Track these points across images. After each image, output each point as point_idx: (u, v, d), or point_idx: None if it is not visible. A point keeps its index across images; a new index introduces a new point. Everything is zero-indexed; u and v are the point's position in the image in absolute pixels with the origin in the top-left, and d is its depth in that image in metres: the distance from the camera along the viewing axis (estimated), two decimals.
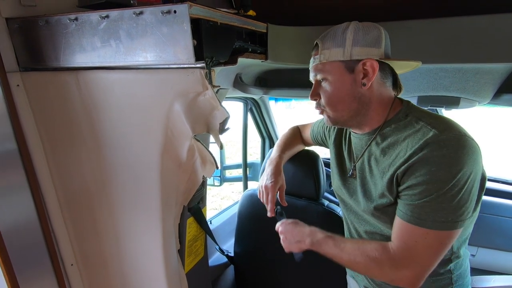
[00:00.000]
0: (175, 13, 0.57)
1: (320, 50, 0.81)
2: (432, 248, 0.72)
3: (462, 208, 0.70)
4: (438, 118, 0.76)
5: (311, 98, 0.88)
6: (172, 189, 0.82)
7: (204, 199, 1.20)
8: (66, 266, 0.92)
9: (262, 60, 0.92)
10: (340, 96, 0.81)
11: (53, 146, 0.83)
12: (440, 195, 0.69)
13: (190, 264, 1.12)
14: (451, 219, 0.70)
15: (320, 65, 0.82)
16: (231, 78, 1.28)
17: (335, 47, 0.78)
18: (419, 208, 0.71)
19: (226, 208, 2.04)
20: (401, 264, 0.73)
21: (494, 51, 0.82)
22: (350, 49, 0.77)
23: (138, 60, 0.64)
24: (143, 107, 0.72)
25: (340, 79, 0.80)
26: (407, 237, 0.74)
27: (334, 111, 0.84)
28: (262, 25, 0.88)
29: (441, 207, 0.69)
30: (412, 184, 0.72)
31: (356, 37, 0.77)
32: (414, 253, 0.73)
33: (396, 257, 0.74)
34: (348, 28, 0.78)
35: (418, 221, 0.71)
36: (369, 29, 0.78)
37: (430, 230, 0.70)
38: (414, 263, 0.73)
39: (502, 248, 1.84)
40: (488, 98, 1.05)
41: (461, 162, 0.68)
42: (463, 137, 0.70)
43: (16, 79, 0.75)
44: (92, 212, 0.89)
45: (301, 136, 1.31)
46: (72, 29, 0.67)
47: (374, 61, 0.77)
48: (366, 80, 0.78)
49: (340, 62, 0.79)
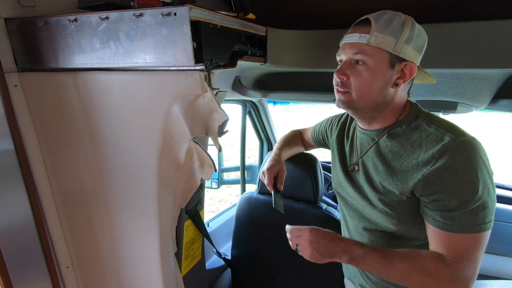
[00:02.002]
0: (175, 16, 0.58)
1: (372, 29, 0.74)
2: (481, 251, 0.72)
3: (494, 206, 0.72)
4: (448, 122, 0.77)
5: (338, 75, 0.80)
6: (169, 192, 0.82)
7: (202, 201, 1.19)
8: (62, 268, 0.91)
9: (261, 63, 0.92)
10: (372, 86, 0.77)
11: (50, 147, 0.82)
12: (476, 198, 0.69)
13: (187, 267, 1.11)
14: (488, 219, 0.71)
15: (367, 46, 0.75)
16: (230, 80, 1.28)
17: (389, 34, 0.74)
18: (458, 215, 0.71)
19: (223, 211, 2.03)
20: (460, 276, 0.72)
21: (491, 57, 0.82)
22: (402, 44, 0.74)
23: (138, 62, 0.64)
24: (142, 108, 0.72)
25: (380, 71, 0.76)
26: (457, 247, 0.72)
27: (359, 98, 0.79)
28: (261, 29, 0.88)
29: (479, 209, 0.70)
30: (443, 192, 0.72)
31: (411, 35, 0.74)
32: (468, 261, 0.72)
33: (455, 270, 0.72)
34: (407, 21, 0.74)
35: (462, 228, 0.71)
36: (420, 33, 0.76)
37: (475, 234, 0.71)
38: (470, 270, 0.72)
39: (500, 253, 1.85)
40: (485, 103, 1.06)
41: (483, 163, 0.70)
42: (474, 140, 0.72)
43: (14, 79, 0.74)
44: (88, 214, 0.88)
45: (301, 138, 1.31)
46: (72, 30, 0.67)
47: (415, 66, 0.76)
48: (399, 81, 0.77)
49: (386, 53, 0.75)
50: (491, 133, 8.09)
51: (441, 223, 0.73)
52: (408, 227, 0.82)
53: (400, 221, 0.82)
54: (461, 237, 0.72)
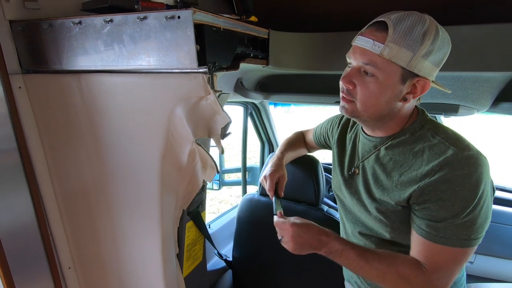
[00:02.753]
0: (179, 19, 0.58)
1: (388, 39, 0.67)
2: (461, 265, 0.73)
3: (484, 224, 0.71)
4: (454, 134, 0.75)
5: (344, 83, 0.75)
6: (171, 193, 0.82)
7: (204, 203, 1.19)
8: (64, 269, 0.91)
9: (263, 65, 0.93)
10: (379, 100, 0.73)
11: (53, 148, 0.83)
12: (465, 214, 0.69)
13: (188, 269, 1.12)
14: (474, 236, 0.70)
15: (379, 58, 0.69)
16: (232, 82, 1.28)
17: (406, 47, 0.67)
18: (443, 227, 0.71)
19: (225, 212, 2.03)
20: (433, 286, 0.72)
21: (493, 59, 0.83)
22: (418, 59, 0.67)
23: (141, 64, 0.64)
24: (145, 110, 0.72)
25: (389, 85, 0.71)
26: (436, 258, 0.73)
27: (363, 109, 0.76)
28: (264, 31, 0.88)
29: (466, 225, 0.69)
30: (435, 203, 0.71)
31: (431, 48, 0.67)
32: (444, 272, 0.72)
33: (430, 279, 0.72)
34: (430, 31, 0.67)
35: (444, 240, 0.71)
36: (444, 43, 0.70)
37: (458, 249, 0.70)
38: (444, 280, 0.72)
39: (500, 255, 1.85)
40: (486, 106, 1.06)
41: (482, 181, 0.69)
42: (480, 155, 0.70)
43: (18, 81, 0.75)
44: (90, 215, 0.88)
45: (304, 140, 1.31)
46: (76, 33, 0.68)
47: (429, 82, 0.71)
48: (409, 96, 0.73)
49: (399, 67, 0.69)
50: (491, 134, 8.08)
51: (425, 232, 0.73)
52: (402, 236, 0.82)
53: (394, 229, 0.82)
54: (442, 249, 0.71)
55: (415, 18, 0.67)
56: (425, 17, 0.68)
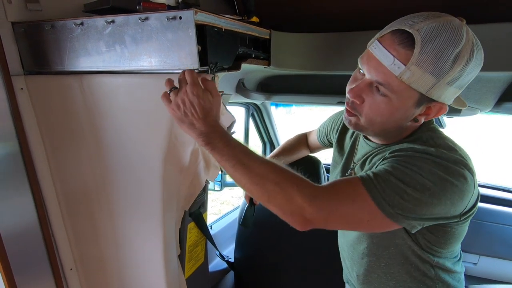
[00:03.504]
0: (181, 19, 0.58)
1: (411, 61, 0.57)
2: (354, 216, 0.63)
3: (418, 215, 0.62)
4: (452, 143, 0.68)
5: (352, 96, 0.68)
6: (173, 194, 0.82)
7: (205, 204, 1.19)
8: (65, 270, 0.91)
9: (265, 66, 0.92)
10: (388, 120, 0.67)
11: (55, 150, 0.83)
12: (412, 187, 0.60)
13: (190, 270, 1.11)
14: (397, 209, 0.60)
15: (398, 81, 0.60)
16: (234, 83, 1.28)
17: (431, 72, 0.57)
18: (383, 178, 0.61)
19: (226, 213, 2.03)
20: (316, 205, 0.60)
21: (496, 59, 0.82)
22: (441, 86, 0.59)
23: (143, 65, 0.64)
24: (147, 111, 0.72)
25: (402, 108, 0.64)
26: (346, 189, 0.63)
27: (368, 124, 0.70)
28: (265, 32, 0.88)
29: (402, 195, 0.60)
30: (392, 161, 0.64)
31: (459, 74, 0.59)
32: (335, 205, 0.62)
33: (317, 196, 0.61)
34: (461, 54, 0.57)
35: (371, 184, 0.61)
36: (476, 66, 0.60)
37: (369, 201, 0.60)
38: (327, 209, 0.61)
39: (504, 256, 1.83)
40: (489, 106, 1.06)
41: (447, 182, 0.61)
42: (464, 165, 0.63)
43: (20, 82, 0.75)
44: (92, 217, 0.88)
45: (306, 142, 1.31)
46: (78, 34, 0.68)
47: (445, 107, 0.65)
48: (421, 118, 0.68)
49: (417, 93, 0.61)
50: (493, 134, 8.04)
51: (362, 174, 0.64)
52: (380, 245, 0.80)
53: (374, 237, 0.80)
54: (358, 185, 0.62)
55: (449, 35, 0.56)
56: (461, 32, 0.57)
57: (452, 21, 0.58)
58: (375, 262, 0.84)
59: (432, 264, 0.78)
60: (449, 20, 0.58)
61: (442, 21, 0.57)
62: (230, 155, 0.64)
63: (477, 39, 0.61)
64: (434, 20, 0.57)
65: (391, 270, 0.82)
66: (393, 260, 0.81)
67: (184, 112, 0.63)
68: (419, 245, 0.76)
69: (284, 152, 1.27)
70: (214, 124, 0.65)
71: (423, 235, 0.74)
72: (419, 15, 0.60)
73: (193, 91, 0.61)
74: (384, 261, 0.82)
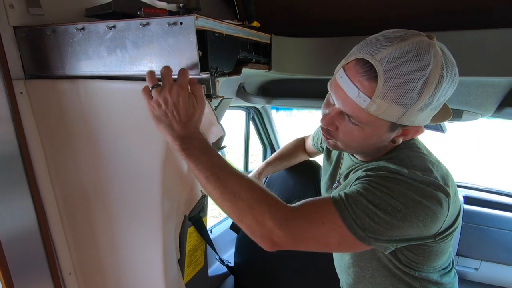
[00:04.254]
0: (181, 25, 0.58)
1: (376, 94, 0.55)
2: (326, 238, 0.60)
3: (388, 237, 0.61)
4: (429, 164, 0.66)
5: (324, 125, 0.67)
6: (173, 199, 0.82)
7: (206, 208, 1.19)
8: (64, 274, 0.90)
9: (265, 70, 0.93)
10: (364, 144, 0.67)
11: (54, 154, 0.83)
12: (381, 208, 0.59)
13: (189, 274, 1.11)
14: (366, 231, 0.59)
15: (365, 113, 0.58)
16: (235, 87, 1.28)
17: (398, 103, 0.55)
18: (354, 199, 0.60)
19: (226, 217, 2.02)
20: (285, 226, 0.58)
21: (497, 65, 0.82)
22: (412, 113, 0.57)
23: (144, 70, 0.64)
24: (144, 117, 0.72)
25: (375, 135, 0.64)
26: (317, 211, 0.61)
27: (346, 147, 0.71)
28: (266, 36, 0.89)
29: (372, 216, 0.58)
30: (363, 183, 0.63)
31: (429, 101, 0.56)
32: (309, 229, 0.60)
33: (289, 218, 0.59)
34: (428, 81, 0.54)
35: (341, 206, 0.60)
36: (449, 88, 0.58)
37: (339, 222, 0.59)
38: (297, 232, 0.60)
39: (505, 262, 1.82)
40: (490, 111, 1.05)
41: (419, 204, 0.59)
42: (438, 187, 0.61)
43: (20, 86, 0.75)
44: (91, 221, 0.88)
45: (304, 147, 1.31)
46: (79, 38, 0.68)
47: (421, 128, 0.65)
48: (399, 139, 0.67)
49: (388, 122, 0.60)
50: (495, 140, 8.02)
51: (334, 195, 0.63)
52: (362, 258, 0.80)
53: None
54: (329, 206, 0.60)
55: (414, 63, 0.53)
56: (428, 56, 0.53)
57: (419, 44, 0.54)
58: (361, 272, 0.84)
59: (416, 276, 0.77)
60: (415, 43, 0.54)
61: (406, 47, 0.53)
62: (205, 166, 0.60)
63: (447, 57, 0.57)
64: (398, 46, 0.54)
65: (376, 280, 0.81)
66: (377, 272, 0.80)
67: (164, 112, 0.60)
68: (399, 261, 0.75)
69: (282, 157, 1.27)
70: (193, 131, 0.62)
71: (401, 251, 0.73)
72: (383, 39, 0.56)
73: (179, 93, 0.59)
74: (369, 272, 0.82)
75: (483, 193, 2.02)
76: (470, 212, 1.86)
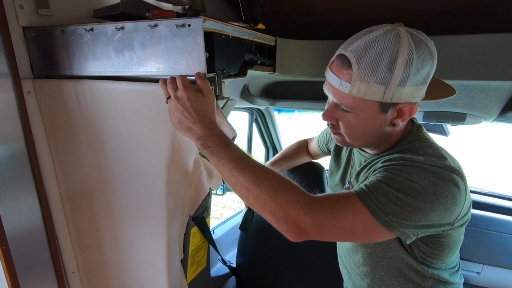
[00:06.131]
0: (189, 27, 0.59)
1: (353, 78, 0.63)
2: (350, 225, 0.61)
3: (413, 222, 0.62)
4: (442, 152, 0.70)
5: (325, 119, 0.75)
6: (178, 199, 0.82)
7: (209, 209, 1.19)
8: (68, 273, 0.91)
9: (270, 72, 0.93)
10: (365, 131, 0.71)
11: (60, 153, 0.84)
12: (403, 193, 0.61)
13: (192, 274, 1.11)
14: (391, 217, 0.60)
15: (351, 98, 0.65)
16: (239, 89, 1.29)
17: (375, 82, 0.62)
18: (376, 187, 0.63)
19: (229, 218, 2.03)
20: (311, 212, 0.60)
21: (501, 69, 0.82)
22: (394, 89, 0.62)
23: (151, 70, 0.65)
24: (150, 119, 0.72)
25: (369, 118, 0.68)
26: (341, 200, 0.63)
27: (352, 140, 0.75)
28: (271, 39, 0.89)
29: (396, 202, 0.61)
30: (383, 173, 0.65)
31: (405, 75, 0.61)
32: (334, 215, 0.60)
33: (314, 204, 0.61)
34: (398, 57, 0.60)
35: (364, 195, 0.62)
36: (423, 63, 0.62)
37: (364, 210, 0.61)
38: (322, 217, 0.60)
39: (508, 266, 1.81)
40: (494, 115, 1.06)
41: (437, 187, 0.62)
42: (454, 171, 0.64)
43: (28, 86, 0.76)
44: (96, 220, 0.89)
45: (307, 149, 1.31)
46: (87, 39, 0.69)
47: (415, 106, 0.67)
48: (397, 121, 0.70)
49: (375, 102, 0.65)
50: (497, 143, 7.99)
51: (357, 188, 0.65)
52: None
53: None
54: (353, 198, 0.62)
55: (379, 46, 0.61)
56: (392, 38, 0.61)
57: (384, 31, 0.62)
58: (370, 272, 0.84)
59: (426, 275, 0.77)
60: (380, 31, 0.63)
61: (372, 35, 0.63)
62: (227, 160, 0.63)
63: (416, 37, 0.62)
64: (365, 37, 0.63)
65: (385, 281, 0.82)
66: (386, 273, 0.80)
67: (179, 118, 0.64)
68: (413, 257, 0.76)
69: (284, 158, 1.28)
70: (210, 127, 0.64)
71: (418, 246, 0.74)
72: (355, 36, 0.66)
73: (184, 95, 0.62)
74: (378, 272, 0.82)
75: (485, 197, 2.02)
76: (473, 216, 1.84)
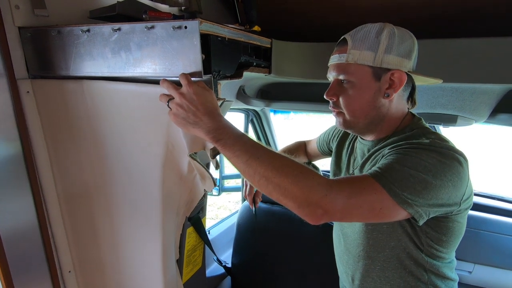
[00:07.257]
0: (186, 29, 0.60)
1: (348, 48, 0.76)
2: (368, 204, 0.64)
3: (425, 198, 0.66)
4: (443, 137, 0.75)
5: (327, 97, 0.82)
6: (174, 200, 0.83)
7: (204, 209, 1.20)
8: (64, 272, 0.91)
9: (265, 74, 0.94)
10: (362, 102, 0.78)
11: (57, 153, 0.84)
12: (414, 171, 0.65)
13: (188, 275, 1.11)
14: (406, 195, 0.64)
15: (346, 65, 0.77)
16: (235, 90, 1.30)
17: (366, 49, 0.75)
18: (389, 167, 0.66)
19: (224, 218, 2.04)
20: (332, 193, 0.62)
21: (490, 72, 0.84)
22: (382, 55, 0.74)
23: (147, 71, 0.66)
24: (145, 119, 0.73)
25: (365, 85, 0.77)
26: (357, 181, 0.66)
27: (352, 116, 0.81)
28: (266, 40, 0.90)
29: (408, 179, 0.64)
30: (394, 155, 0.70)
31: (390, 43, 0.74)
32: (352, 195, 0.63)
33: (333, 185, 0.63)
34: (383, 31, 0.75)
35: (377, 174, 0.66)
36: (404, 38, 0.76)
37: (379, 186, 0.64)
38: (343, 198, 0.63)
39: (499, 265, 1.84)
40: (484, 117, 1.08)
41: (444, 164, 0.67)
42: (456, 151, 0.70)
43: (27, 86, 0.76)
44: (92, 220, 0.89)
45: (305, 149, 1.32)
46: (84, 40, 0.69)
47: (403, 73, 0.76)
48: (390, 91, 0.77)
49: (368, 67, 0.76)
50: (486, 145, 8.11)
51: (370, 171, 0.68)
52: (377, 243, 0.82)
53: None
54: (369, 179, 0.65)
55: (370, 26, 0.77)
56: (377, 24, 0.77)
57: (375, 24, 0.77)
58: (370, 265, 0.85)
59: (426, 267, 0.80)
60: (371, 24, 0.77)
61: (366, 25, 0.78)
62: (242, 151, 0.63)
63: (398, 27, 0.77)
64: (361, 27, 0.79)
65: (385, 273, 0.83)
66: (387, 264, 0.82)
67: (186, 114, 0.63)
68: (416, 246, 0.78)
69: None
70: (220, 119, 0.65)
71: (426, 234, 0.77)
72: None
73: (189, 90, 0.62)
74: (379, 264, 0.84)
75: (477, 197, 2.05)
76: None
